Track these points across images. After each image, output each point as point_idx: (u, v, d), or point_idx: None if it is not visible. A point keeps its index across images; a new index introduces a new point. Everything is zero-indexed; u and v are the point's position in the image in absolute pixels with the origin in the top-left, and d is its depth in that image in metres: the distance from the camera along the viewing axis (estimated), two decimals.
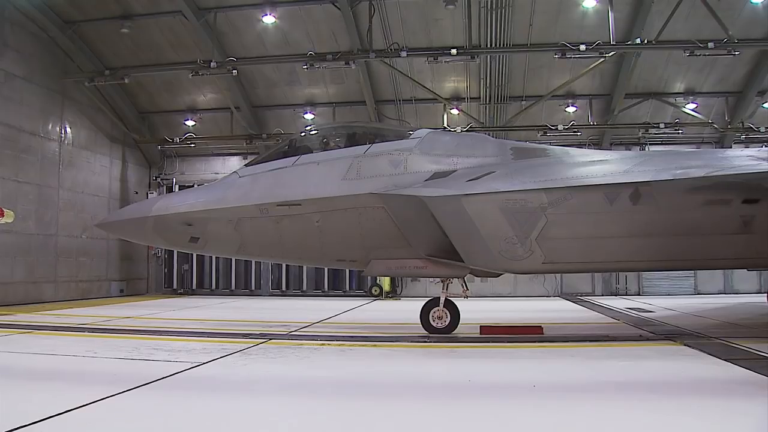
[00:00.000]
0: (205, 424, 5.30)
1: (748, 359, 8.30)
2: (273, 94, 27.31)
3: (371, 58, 21.87)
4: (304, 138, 13.16)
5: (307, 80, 25.95)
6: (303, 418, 5.49)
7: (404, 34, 22.46)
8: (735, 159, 12.09)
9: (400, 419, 5.43)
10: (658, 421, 5.31)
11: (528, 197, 10.48)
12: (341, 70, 23.44)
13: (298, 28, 23.13)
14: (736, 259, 11.67)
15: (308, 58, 21.60)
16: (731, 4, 21.20)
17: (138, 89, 27.11)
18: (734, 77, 26.16)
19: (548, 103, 25.81)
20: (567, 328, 13.31)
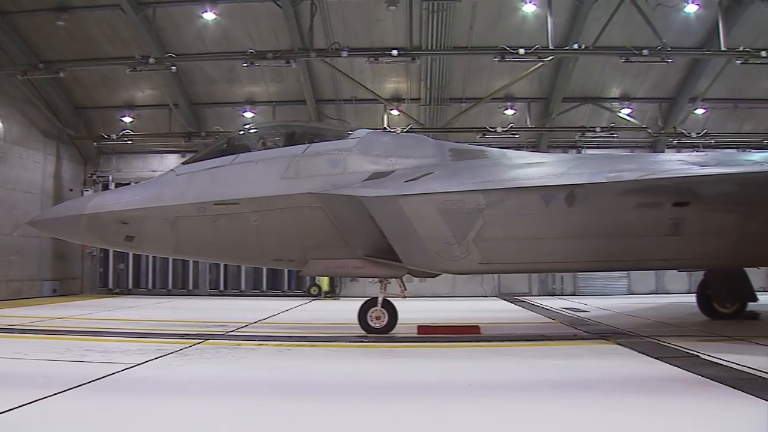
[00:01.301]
0: (140, 427, 5.21)
1: (678, 357, 8.53)
2: (212, 92, 27.01)
3: (312, 57, 21.77)
4: (243, 136, 13.07)
5: (247, 78, 25.73)
6: (240, 419, 5.44)
7: (346, 33, 22.45)
8: (667, 163, 12.42)
9: (337, 419, 5.42)
10: (591, 417, 5.42)
11: (465, 198, 10.59)
12: (282, 68, 23.21)
13: (239, 26, 22.91)
14: (666, 260, 11.98)
15: (248, 56, 21.37)
16: (665, 13, 21.75)
17: (74, 84, 26.48)
18: (667, 84, 26.89)
19: (487, 105, 26.07)
20: (504, 327, 13.45)
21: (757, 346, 9.72)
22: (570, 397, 6.32)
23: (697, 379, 6.98)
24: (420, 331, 12.00)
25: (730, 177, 10.88)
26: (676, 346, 9.56)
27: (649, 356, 8.71)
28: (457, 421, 5.32)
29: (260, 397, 6.41)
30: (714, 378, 6.92)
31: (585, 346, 10.41)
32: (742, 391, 6.21)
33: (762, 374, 7.08)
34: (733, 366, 7.66)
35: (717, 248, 11.30)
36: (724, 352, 8.72)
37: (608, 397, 6.29)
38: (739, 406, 5.75)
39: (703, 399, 6.12)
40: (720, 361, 8.05)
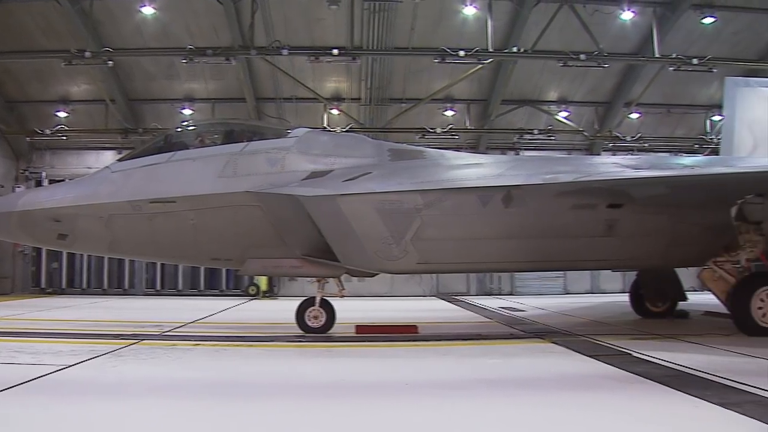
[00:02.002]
0: (71, 429, 5.10)
1: (611, 355, 8.73)
2: (150, 88, 26.55)
3: (252, 55, 21.67)
4: (180, 133, 12.88)
5: (187, 75, 25.39)
6: (175, 420, 5.35)
7: (286, 32, 22.36)
8: (601, 165, 12.66)
9: (273, 419, 5.38)
10: (526, 415, 5.50)
11: (403, 198, 10.62)
12: (221, 65, 22.88)
13: (178, 21, 22.60)
14: (601, 260, 12.22)
15: (188, 52, 21.12)
16: (602, 19, 22.21)
17: (5, 77, 25.72)
18: (604, 88, 27.47)
19: (427, 106, 26.24)
20: (442, 327, 13.56)
21: (686, 343, 9.99)
22: (506, 395, 6.39)
23: (628, 377, 7.14)
24: (358, 330, 12.00)
25: (661, 180, 11.13)
26: (609, 345, 9.75)
27: (583, 354, 8.86)
28: (393, 420, 5.33)
29: (195, 398, 6.30)
30: (644, 375, 7.09)
31: (521, 345, 10.53)
32: (670, 387, 6.39)
33: (689, 371, 7.29)
34: (662, 363, 7.87)
35: (649, 249, 11.58)
36: (655, 349, 8.96)
37: (543, 395, 6.38)
38: (667, 401, 5.90)
39: (634, 395, 6.25)
40: (651, 358, 8.24)
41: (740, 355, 8.59)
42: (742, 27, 24.17)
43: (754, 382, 6.39)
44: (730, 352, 8.90)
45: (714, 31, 23.70)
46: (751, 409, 5.32)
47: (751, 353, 8.64)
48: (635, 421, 5.18)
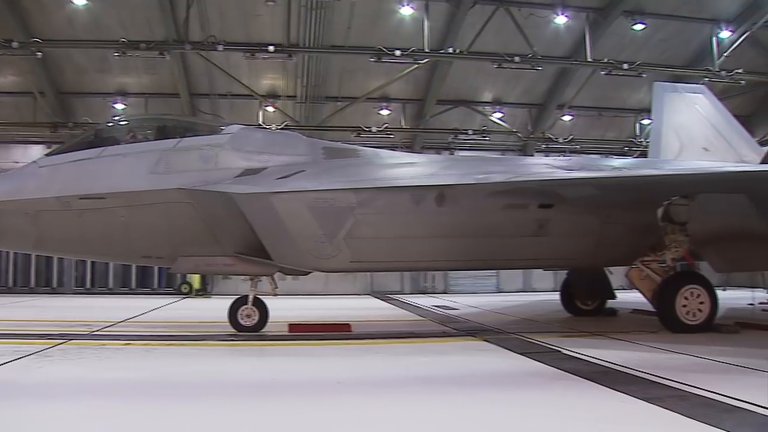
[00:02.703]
0: None
1: (541, 352, 8.86)
2: (82, 81, 25.85)
3: (187, 49, 21.34)
4: (112, 128, 12.60)
5: (119, 68, 24.80)
6: (103, 422, 5.21)
7: (222, 27, 22.07)
8: (533, 166, 12.88)
9: (203, 420, 5.30)
10: (457, 412, 5.52)
11: (337, 197, 10.60)
12: (155, 60, 22.50)
13: (111, 13, 22.02)
14: (532, 259, 12.45)
15: (120, 46, 20.66)
16: (537, 22, 22.64)
17: None
18: (537, 90, 27.96)
19: (363, 105, 26.30)
20: (375, 325, 13.56)
21: (614, 340, 10.24)
22: (437, 393, 6.42)
23: (557, 373, 7.26)
24: (291, 329, 11.93)
25: (591, 181, 11.35)
26: (540, 342, 9.91)
27: (514, 352, 8.96)
28: (325, 419, 5.31)
29: (125, 398, 6.14)
30: (573, 372, 7.22)
31: (453, 343, 10.60)
32: (598, 383, 6.52)
33: (616, 367, 7.45)
34: (591, 360, 8.03)
35: (579, 248, 11.84)
36: (584, 347, 9.13)
37: (474, 392, 6.44)
38: (594, 397, 6.01)
39: (562, 392, 6.36)
40: (579, 355, 8.40)
41: (665, 352, 8.84)
42: (670, 34, 24.94)
43: (677, 378, 6.57)
44: (655, 348, 9.13)
45: (644, 38, 24.43)
46: (673, 403, 5.48)
47: (675, 350, 8.88)
48: (563, 417, 5.26)
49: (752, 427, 4.67)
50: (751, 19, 23.71)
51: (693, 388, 6.10)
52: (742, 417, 5.01)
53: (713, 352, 8.61)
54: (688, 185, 11.05)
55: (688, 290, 10.91)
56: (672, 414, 5.15)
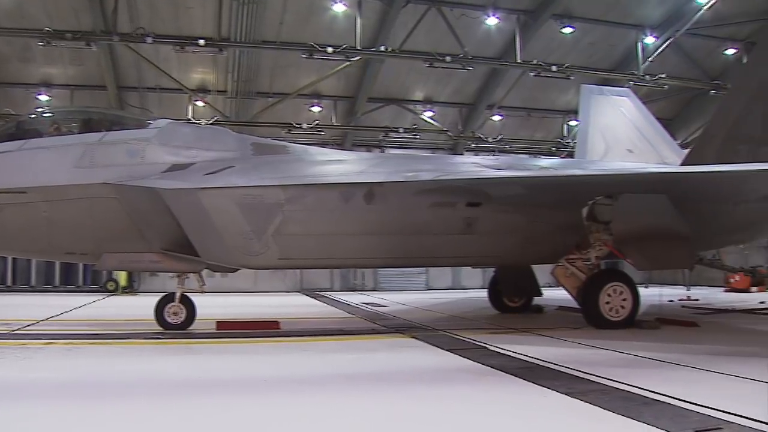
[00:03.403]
0: None
1: (468, 349, 8.98)
2: (4, 70, 24.86)
3: (115, 41, 20.81)
4: (34, 120, 12.16)
5: (44, 58, 23.98)
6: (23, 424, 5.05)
7: (152, 19, 21.59)
8: (462, 165, 13.02)
9: (128, 419, 5.20)
10: (382, 408, 5.57)
11: (265, 193, 10.54)
12: (82, 50, 21.70)
13: (36, 1, 21.22)
14: (460, 257, 12.60)
15: (45, 35, 19.96)
16: (468, 23, 22.85)
17: None
18: (468, 90, 28.24)
19: (294, 101, 26.18)
20: (304, 322, 13.52)
21: (540, 337, 10.45)
22: (364, 389, 6.44)
23: (483, 369, 7.38)
24: (219, 326, 11.80)
25: (518, 180, 11.54)
26: (467, 339, 10.04)
27: (442, 348, 9.07)
28: (249, 416, 5.28)
29: (47, 399, 5.97)
30: (499, 367, 7.35)
31: (382, 339, 10.66)
32: (522, 378, 6.67)
33: (541, 363, 7.62)
34: (516, 356, 8.18)
35: (506, 246, 12.03)
36: (510, 343, 9.31)
37: (401, 389, 6.49)
38: (518, 392, 6.14)
39: (487, 387, 6.47)
40: (506, 351, 8.56)
41: (588, 347, 9.05)
42: (598, 38, 25.50)
43: (599, 372, 6.76)
44: (579, 344, 9.35)
45: (572, 41, 24.91)
46: (594, 397, 5.63)
47: (598, 345, 9.12)
48: (488, 412, 5.35)
49: (669, 419, 4.81)
50: (674, 26, 24.43)
51: (614, 382, 6.28)
52: (660, 409, 5.17)
53: (634, 347, 8.85)
54: (612, 185, 11.31)
55: (612, 287, 11.20)
56: (593, 408, 5.29)
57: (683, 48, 26.23)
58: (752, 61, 14.19)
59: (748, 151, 12.75)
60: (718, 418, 4.85)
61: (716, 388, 6.24)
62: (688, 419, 4.85)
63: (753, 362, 7.84)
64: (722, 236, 14.35)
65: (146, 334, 10.82)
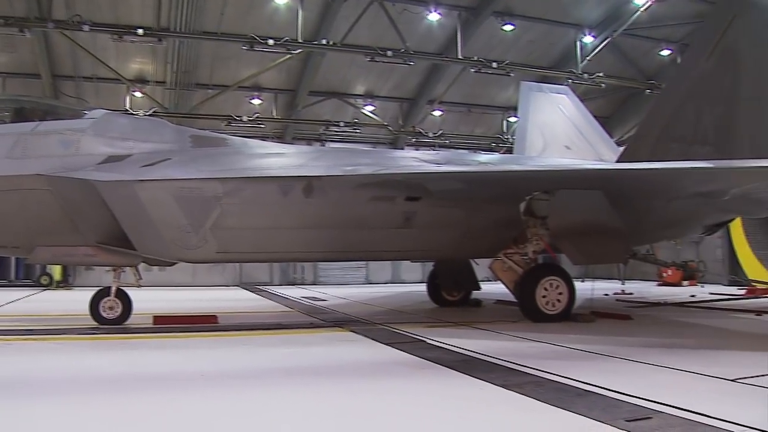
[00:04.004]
0: None
1: (406, 342, 9.02)
2: None
3: (50, 28, 20.25)
4: None
5: None
6: None
7: (89, 6, 21.05)
8: (402, 159, 13.07)
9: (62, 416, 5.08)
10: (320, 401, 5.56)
11: (203, 186, 10.40)
12: (14, 37, 21.07)
13: None
14: (400, 251, 12.63)
15: None
16: (410, 18, 22.96)
17: None
18: (409, 85, 28.38)
19: (234, 93, 25.98)
20: (242, 317, 13.42)
21: (477, 330, 10.56)
22: (301, 383, 6.42)
23: (421, 363, 7.41)
24: (156, 321, 11.65)
25: (456, 175, 11.62)
26: (405, 332, 10.08)
27: (380, 342, 9.09)
28: (186, 411, 5.22)
29: None
30: (436, 361, 7.40)
31: (320, 333, 10.64)
32: (459, 371, 6.71)
33: (478, 356, 7.69)
34: (454, 349, 8.25)
35: (445, 240, 12.12)
36: (448, 336, 9.39)
37: (339, 382, 6.50)
38: (455, 385, 6.17)
39: (424, 380, 6.51)
40: (443, 345, 8.62)
41: (525, 340, 9.18)
42: (538, 36, 25.88)
43: (535, 365, 6.85)
44: (515, 337, 9.46)
45: (513, 38, 25.24)
46: (529, 389, 5.72)
47: (534, 338, 9.26)
48: (424, 405, 5.38)
49: (601, 409, 4.91)
50: (612, 26, 24.97)
51: (549, 374, 6.38)
52: (592, 400, 5.27)
53: (570, 340, 9.03)
54: (549, 181, 11.49)
55: (548, 281, 11.38)
56: (528, 399, 5.38)
57: (620, 48, 26.84)
58: (684, 63, 14.53)
59: (680, 150, 13.08)
60: (648, 408, 4.96)
61: (647, 378, 6.39)
62: (620, 409, 4.95)
63: (683, 354, 8.07)
64: (655, 232, 14.73)
65: (81, 330, 10.60)
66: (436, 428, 4.49)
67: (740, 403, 5.29)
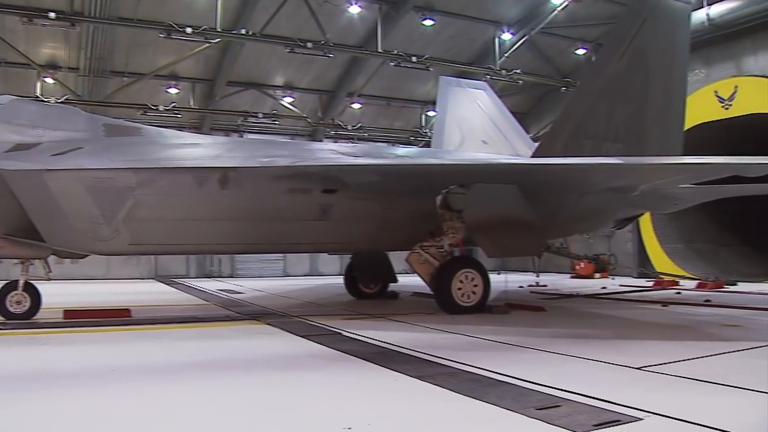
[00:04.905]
0: None
1: (322, 335, 9.04)
2: None
3: None
4: None
5: None
6: None
7: None
8: (319, 152, 13.03)
9: None
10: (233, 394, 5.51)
11: (116, 176, 10.14)
12: None
13: None
14: (316, 243, 12.62)
15: None
16: (331, 10, 22.91)
17: None
18: (329, 77, 28.35)
19: (151, 82, 25.45)
20: (157, 310, 13.18)
21: (394, 322, 10.64)
22: (216, 377, 6.33)
23: (336, 355, 7.42)
24: (66, 315, 11.36)
25: (373, 168, 11.66)
26: (321, 325, 10.09)
27: (296, 335, 9.07)
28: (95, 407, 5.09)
29: None
30: (352, 353, 7.42)
31: (236, 326, 10.56)
32: (374, 363, 6.74)
33: (394, 347, 7.74)
34: (370, 341, 8.29)
35: (361, 233, 12.17)
36: (364, 328, 9.45)
37: (253, 375, 6.45)
38: (370, 377, 6.19)
39: (340, 372, 6.52)
40: (359, 337, 8.66)
41: (440, 332, 9.29)
42: (457, 32, 26.17)
43: (449, 356, 6.94)
44: (431, 329, 9.57)
45: (433, 33, 25.45)
46: (443, 380, 5.78)
47: (449, 330, 9.38)
48: (338, 396, 5.39)
49: (512, 399, 5.00)
50: (529, 24, 25.51)
51: (463, 365, 6.47)
52: (504, 390, 5.36)
53: (484, 331, 9.17)
54: (466, 175, 11.62)
55: (463, 274, 11.52)
56: (441, 390, 5.43)
57: (537, 46, 27.40)
58: (598, 62, 14.89)
59: (592, 146, 13.43)
60: (557, 397, 5.08)
61: (557, 368, 6.54)
62: (530, 398, 5.05)
63: (593, 343, 8.28)
64: (568, 225, 15.10)
65: None
66: (350, 420, 4.49)
67: (644, 389, 5.47)
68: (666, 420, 4.41)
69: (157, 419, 4.77)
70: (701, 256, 24.38)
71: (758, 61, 21.47)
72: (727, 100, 21.70)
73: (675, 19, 14.45)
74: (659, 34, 14.04)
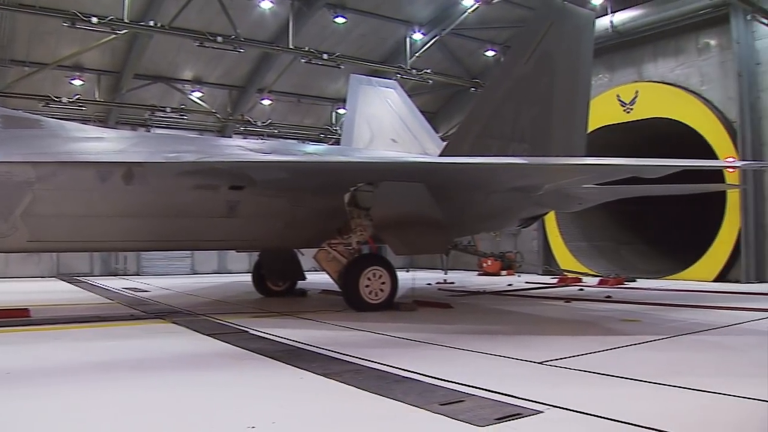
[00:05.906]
0: None
1: (229, 333, 8.97)
2: None
3: None
4: None
5: None
6: None
7: None
8: (226, 148, 12.88)
9: None
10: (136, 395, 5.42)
11: (13, 170, 9.76)
12: None
13: None
14: (223, 240, 12.47)
15: None
16: (242, 4, 22.66)
17: None
18: (239, 72, 28.04)
19: (53, 73, 24.60)
20: (58, 309, 12.78)
21: (301, 320, 10.64)
22: (118, 378, 6.20)
23: (243, 353, 7.38)
24: None
25: (280, 165, 11.60)
26: (228, 323, 10.01)
27: (202, 333, 8.97)
28: None
29: None
30: (259, 351, 7.39)
31: (141, 325, 10.36)
32: (281, 361, 6.73)
33: (301, 345, 7.75)
34: (277, 339, 8.28)
35: (269, 230, 12.11)
36: (272, 327, 9.41)
37: (157, 375, 6.32)
38: (276, 375, 6.19)
39: (246, 371, 6.48)
40: (266, 335, 8.63)
41: (347, 329, 9.33)
42: (369, 30, 26.26)
43: (356, 353, 6.99)
44: (339, 326, 9.61)
45: (344, 31, 25.46)
46: (349, 376, 5.83)
47: (356, 327, 9.45)
48: (243, 396, 5.35)
49: (417, 395, 5.07)
50: (441, 25, 25.76)
51: (369, 362, 6.53)
52: (409, 386, 5.43)
53: (391, 328, 9.26)
54: (374, 173, 11.67)
55: (371, 271, 11.60)
56: (347, 387, 5.47)
57: (448, 46, 27.75)
58: (505, 64, 15.14)
59: (499, 147, 13.68)
60: (461, 392, 5.17)
61: (463, 364, 6.68)
62: (435, 394, 5.12)
63: (498, 339, 8.49)
64: (476, 224, 15.37)
65: None
66: (254, 419, 4.46)
67: (546, 383, 5.64)
68: (565, 412, 4.56)
69: (54, 424, 4.63)
70: (603, 254, 25.19)
71: (658, 68, 22.34)
72: (628, 104, 22.47)
73: (580, 25, 14.85)
74: (564, 39, 14.40)
